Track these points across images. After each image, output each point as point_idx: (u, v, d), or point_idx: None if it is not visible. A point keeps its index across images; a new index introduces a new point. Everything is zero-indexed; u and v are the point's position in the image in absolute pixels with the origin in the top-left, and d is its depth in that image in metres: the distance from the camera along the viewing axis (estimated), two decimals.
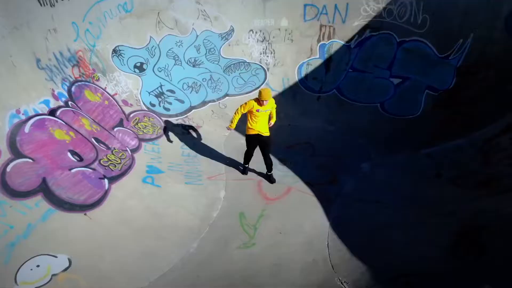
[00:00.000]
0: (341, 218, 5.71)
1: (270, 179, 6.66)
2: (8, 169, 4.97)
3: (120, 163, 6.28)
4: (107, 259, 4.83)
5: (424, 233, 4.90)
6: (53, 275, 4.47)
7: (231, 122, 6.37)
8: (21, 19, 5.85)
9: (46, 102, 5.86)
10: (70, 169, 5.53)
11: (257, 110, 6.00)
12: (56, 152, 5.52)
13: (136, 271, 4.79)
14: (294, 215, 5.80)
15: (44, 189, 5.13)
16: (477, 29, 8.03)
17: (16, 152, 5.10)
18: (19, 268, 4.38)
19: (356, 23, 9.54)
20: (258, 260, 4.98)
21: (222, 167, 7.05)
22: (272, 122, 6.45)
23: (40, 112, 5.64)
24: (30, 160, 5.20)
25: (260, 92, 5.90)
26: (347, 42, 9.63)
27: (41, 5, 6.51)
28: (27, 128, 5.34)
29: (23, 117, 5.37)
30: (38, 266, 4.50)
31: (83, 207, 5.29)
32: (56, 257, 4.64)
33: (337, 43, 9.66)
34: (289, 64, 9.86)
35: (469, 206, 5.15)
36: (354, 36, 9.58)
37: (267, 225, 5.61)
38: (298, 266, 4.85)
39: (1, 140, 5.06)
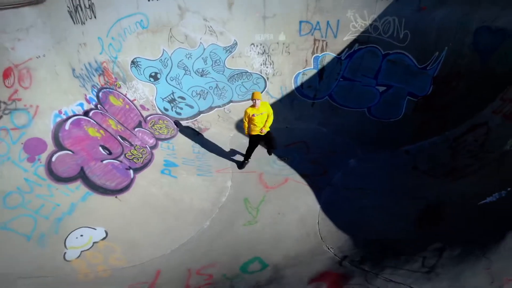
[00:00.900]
0: (330, 202, 6.76)
1: (269, 152, 8.13)
2: (53, 159, 6.05)
3: (141, 157, 7.34)
4: (136, 233, 5.87)
5: (398, 211, 5.96)
6: (94, 242, 5.51)
7: (245, 129, 7.43)
8: (60, 35, 6.98)
9: (81, 105, 6.95)
10: (102, 161, 6.60)
11: (253, 115, 7.09)
12: (90, 146, 6.59)
13: (160, 242, 5.83)
14: (290, 199, 6.85)
15: (82, 176, 6.19)
16: (450, 44, 9.21)
17: (59, 145, 6.18)
18: (67, 237, 5.42)
19: (346, 38, 10.73)
20: (260, 234, 6.02)
21: (228, 162, 8.11)
22: (265, 130, 7.39)
23: (77, 113, 6.73)
24: (70, 152, 6.27)
25: (252, 94, 7.04)
26: (338, 54, 10.80)
27: (74, 23, 7.64)
28: (67, 125, 6.42)
29: (64, 117, 6.46)
30: (81, 235, 5.53)
31: (114, 191, 6.34)
32: (95, 229, 5.68)
33: (329, 55, 10.83)
34: (287, 74, 11.00)
35: (436, 190, 6.22)
36: (344, 49, 10.75)
37: (267, 207, 6.66)
38: (293, 238, 5.88)
39: (47, 135, 6.14)
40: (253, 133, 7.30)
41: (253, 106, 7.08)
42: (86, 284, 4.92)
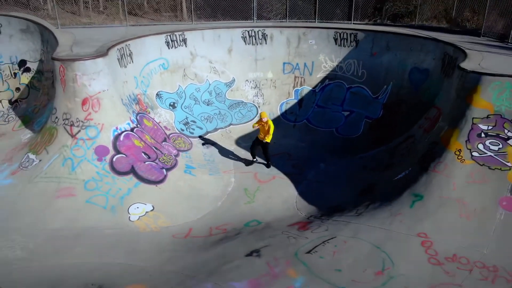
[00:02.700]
0: (305, 190, 9.62)
1: (267, 166, 10.82)
2: (113, 159, 8.89)
3: (169, 161, 10.17)
4: (171, 208, 8.62)
5: (348, 191, 8.88)
6: (146, 212, 8.27)
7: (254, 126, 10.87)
8: (115, 76, 9.97)
9: (128, 124, 9.84)
10: (144, 162, 9.43)
11: (261, 125, 10.22)
12: (136, 152, 9.45)
13: (189, 213, 8.59)
14: (277, 189, 9.70)
15: (133, 171, 9.01)
16: (394, 80, 12.48)
17: (116, 151, 9.04)
18: (129, 208, 8.19)
19: (319, 75, 13.98)
20: (256, 209, 8.83)
21: (231, 166, 10.95)
22: (267, 139, 10.45)
23: (126, 129, 9.61)
24: (124, 155, 9.12)
25: (260, 114, 10.17)
26: (313, 88, 13.98)
27: (120, 67, 10.67)
28: (121, 137, 9.30)
29: (119, 131, 9.35)
30: (137, 207, 8.31)
31: (155, 182, 9.15)
32: (145, 204, 8.46)
33: (306, 88, 14.01)
34: (274, 103, 14.07)
35: (374, 177, 9.18)
36: (318, 84, 13.96)
37: (261, 194, 9.50)
38: (279, 210, 8.70)
39: (109, 143, 9.01)
40: (258, 137, 10.48)
41: (260, 121, 10.26)
42: (145, 234, 7.66)
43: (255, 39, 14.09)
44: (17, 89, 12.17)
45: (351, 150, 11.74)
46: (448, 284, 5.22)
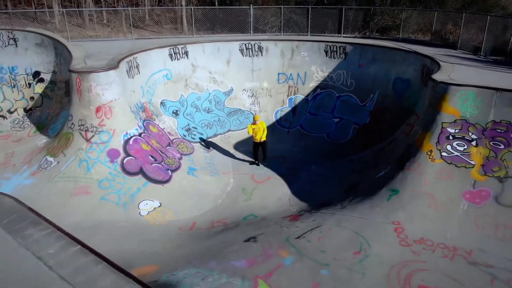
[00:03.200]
0: (297, 189, 10.60)
1: (264, 162, 11.86)
2: (124, 161, 9.87)
3: (174, 164, 11.15)
4: (177, 205, 9.58)
5: (336, 189, 9.87)
6: (154, 207, 9.23)
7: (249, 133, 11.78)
8: (124, 86, 10.98)
9: (136, 129, 10.82)
10: (151, 164, 10.41)
11: (254, 128, 11.19)
12: (144, 155, 10.42)
13: (192, 210, 9.53)
14: (272, 188, 10.68)
15: (142, 172, 9.98)
16: (379, 89, 13.56)
17: (127, 153, 10.02)
18: (139, 204, 9.14)
19: (311, 85, 15.05)
20: (253, 206, 9.80)
21: (230, 168, 11.93)
22: (264, 137, 11.52)
23: (135, 134, 10.60)
24: (134, 158, 10.09)
25: (254, 117, 11.19)
26: (306, 96, 15.04)
27: (128, 78, 11.68)
28: (131, 141, 10.29)
29: (129, 136, 10.33)
30: (146, 204, 9.26)
31: (161, 182, 10.11)
32: (153, 201, 9.41)
33: (299, 97, 15.06)
34: (269, 111, 15.10)
35: (359, 176, 10.18)
36: (310, 93, 15.02)
37: (257, 192, 10.47)
38: (273, 207, 9.67)
39: (120, 147, 9.99)
40: (255, 140, 11.42)
41: (254, 123, 11.23)
42: (154, 227, 8.61)
43: (252, 51, 15.18)
44: (32, 98, 13.16)
45: (341, 153, 12.75)
46: (414, 261, 6.19)
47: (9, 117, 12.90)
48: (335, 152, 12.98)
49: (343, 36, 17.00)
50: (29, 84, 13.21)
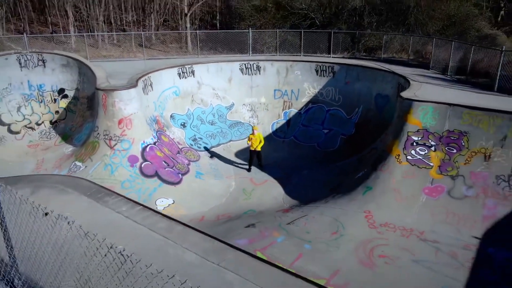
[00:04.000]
0: (290, 190, 12.32)
1: (260, 165, 13.51)
2: (142, 165, 11.62)
3: (183, 169, 12.88)
4: (188, 202, 11.28)
5: (322, 189, 11.59)
6: (169, 204, 10.93)
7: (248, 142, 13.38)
8: (141, 101, 12.78)
9: (152, 139, 12.59)
10: (165, 168, 12.14)
11: (251, 138, 12.95)
12: (159, 161, 12.17)
13: (201, 206, 11.23)
14: (268, 189, 12.39)
15: (157, 175, 11.71)
16: (363, 103, 15.41)
17: (144, 159, 11.77)
18: (156, 201, 10.85)
19: (304, 100, 16.90)
20: (252, 203, 11.49)
21: (232, 172, 13.66)
22: (257, 149, 13.24)
23: (150, 142, 12.36)
24: (150, 163, 11.84)
25: (252, 128, 12.95)
26: (299, 110, 16.86)
27: (144, 94, 13.50)
28: (147, 149, 12.05)
29: (145, 144, 12.09)
30: (162, 201, 10.97)
31: (174, 184, 11.83)
32: (168, 199, 11.12)
33: (293, 111, 16.89)
34: (266, 123, 16.90)
35: (343, 178, 11.92)
36: (302, 107, 16.85)
37: (256, 193, 12.18)
38: (269, 204, 11.37)
39: (138, 153, 11.75)
40: (251, 148, 13.12)
41: (252, 133, 12.98)
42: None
43: (251, 70, 17.07)
44: (57, 112, 14.95)
45: (329, 160, 14.50)
46: (378, 238, 7.89)
47: (37, 129, 14.65)
48: (324, 159, 14.74)
49: (332, 57, 18.94)
50: (55, 99, 15.02)
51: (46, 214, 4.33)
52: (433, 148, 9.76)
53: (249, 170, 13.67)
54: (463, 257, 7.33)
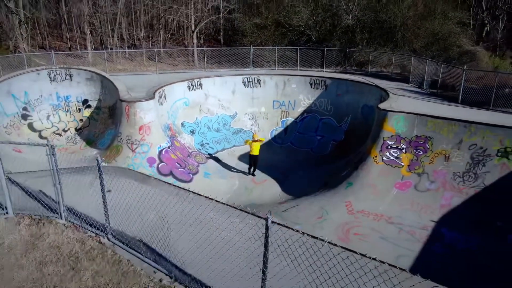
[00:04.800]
0: (286, 188, 14.26)
1: (253, 173, 15.37)
2: (159, 166, 13.60)
3: (194, 169, 14.84)
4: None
5: (314, 187, 13.53)
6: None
7: (246, 143, 15.26)
8: (157, 111, 14.79)
9: (166, 143, 14.57)
10: (178, 169, 14.10)
11: (251, 143, 14.91)
12: (173, 162, 14.14)
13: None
14: (267, 188, 14.33)
15: (172, 174, 13.67)
16: (352, 113, 17.41)
17: (160, 160, 13.76)
18: None
19: (299, 109, 18.91)
20: (253, 199, 13.43)
21: (235, 173, 15.63)
22: (257, 150, 15.21)
23: (166, 146, 14.34)
24: (165, 164, 13.81)
25: (252, 135, 14.91)
26: (295, 119, 18.87)
27: (159, 105, 15.51)
28: (163, 152, 14.03)
29: (161, 148, 14.08)
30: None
31: (186, 182, 13.78)
32: None
33: (290, 119, 18.89)
34: (266, 131, 18.88)
35: (331, 177, 13.86)
36: (298, 116, 18.85)
37: (256, 190, 14.12)
38: (268, 199, 13.31)
39: (156, 156, 13.74)
40: (251, 153, 15.05)
41: (253, 140, 14.94)
42: None
43: (252, 83, 19.12)
44: (81, 120, 16.97)
45: (322, 163, 16.46)
46: (354, 221, 9.83)
47: (63, 135, 16.65)
48: (317, 162, 16.71)
49: (325, 71, 21.02)
50: (79, 109, 17.05)
51: (109, 191, 6.42)
52: (404, 151, 11.72)
53: (252, 174, 15.59)
54: (420, 235, 9.26)
